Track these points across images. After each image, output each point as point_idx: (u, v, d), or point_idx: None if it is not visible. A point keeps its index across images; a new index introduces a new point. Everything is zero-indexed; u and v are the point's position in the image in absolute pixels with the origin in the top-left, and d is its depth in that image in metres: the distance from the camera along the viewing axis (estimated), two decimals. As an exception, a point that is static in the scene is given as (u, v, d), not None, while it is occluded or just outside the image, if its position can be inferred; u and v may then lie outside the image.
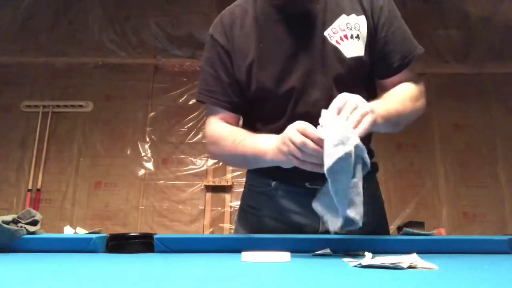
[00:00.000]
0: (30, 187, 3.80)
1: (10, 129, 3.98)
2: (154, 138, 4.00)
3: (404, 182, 3.88)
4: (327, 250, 0.88)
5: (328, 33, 1.05)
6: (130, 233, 1.01)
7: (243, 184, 1.26)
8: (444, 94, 3.94)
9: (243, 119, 1.18)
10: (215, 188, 3.85)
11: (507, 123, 4.03)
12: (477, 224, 3.79)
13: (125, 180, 3.88)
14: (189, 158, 3.95)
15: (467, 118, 4.04)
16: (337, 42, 1.04)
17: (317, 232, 1.08)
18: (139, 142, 3.97)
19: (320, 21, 1.06)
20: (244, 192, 1.24)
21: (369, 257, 0.67)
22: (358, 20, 1.06)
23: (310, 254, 0.90)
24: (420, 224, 3.38)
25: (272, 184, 1.13)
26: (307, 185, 1.08)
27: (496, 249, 0.98)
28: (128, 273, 0.63)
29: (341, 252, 0.91)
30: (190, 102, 4.01)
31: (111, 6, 4.23)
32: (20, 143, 3.95)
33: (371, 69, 1.10)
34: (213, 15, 1.29)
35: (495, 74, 4.14)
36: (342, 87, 0.95)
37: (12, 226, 1.00)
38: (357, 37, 1.05)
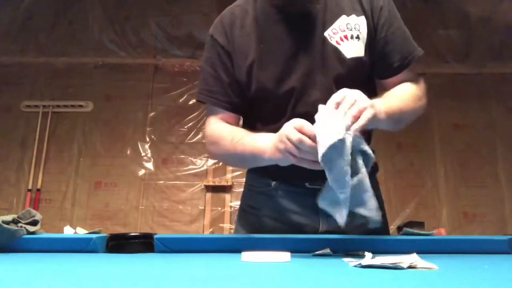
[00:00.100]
0: (30, 187, 3.80)
1: (10, 129, 3.98)
2: (154, 138, 4.00)
3: (404, 182, 3.88)
4: (327, 250, 0.88)
5: (328, 34, 1.05)
6: (130, 233, 1.01)
7: (243, 184, 1.26)
8: (444, 94, 3.93)
9: (243, 119, 1.18)
10: (215, 188, 3.85)
11: (507, 123, 4.03)
12: (477, 224, 3.79)
13: (125, 180, 3.88)
14: (189, 158, 3.95)
15: (467, 118, 4.04)
16: (337, 43, 1.05)
17: (317, 232, 1.08)
18: (139, 142, 3.97)
19: (320, 22, 1.06)
20: (244, 192, 1.24)
21: (369, 257, 0.67)
22: (358, 21, 1.06)
23: (310, 254, 0.90)
24: (420, 224, 3.38)
25: (272, 184, 1.13)
26: (307, 185, 1.09)
27: (496, 249, 0.98)
28: (128, 273, 0.63)
29: (341, 252, 0.91)
30: (190, 102, 4.01)
31: (111, 6, 4.23)
32: (20, 143, 3.95)
33: (371, 70, 1.10)
34: (213, 15, 1.30)
35: (495, 74, 4.14)
36: (342, 88, 0.94)
37: (12, 226, 1.00)
38: (357, 38, 1.05)
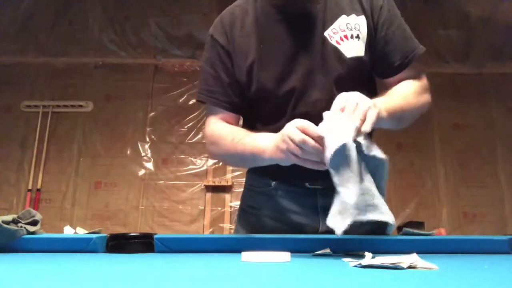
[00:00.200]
0: (30, 187, 3.80)
1: (10, 129, 3.98)
2: (154, 138, 4.00)
3: (404, 182, 3.88)
4: (327, 250, 0.88)
5: (328, 34, 1.05)
6: (130, 233, 1.01)
7: (243, 184, 1.26)
8: (444, 94, 3.93)
9: (243, 119, 1.18)
10: (215, 188, 3.85)
11: (507, 123, 4.03)
12: (477, 224, 3.79)
13: (125, 180, 3.88)
14: (189, 158, 3.95)
15: (467, 118, 4.04)
16: (337, 43, 1.04)
17: (317, 232, 1.08)
18: (139, 142, 3.97)
19: (320, 22, 1.06)
20: (244, 192, 1.24)
21: (369, 257, 0.67)
22: (358, 20, 1.06)
23: (310, 254, 0.90)
24: (420, 224, 3.38)
25: (272, 184, 1.13)
26: (307, 185, 1.09)
27: (496, 249, 0.98)
28: (128, 273, 0.63)
29: (341, 252, 0.90)
30: (190, 102, 4.01)
31: (111, 6, 4.23)
32: (20, 143, 3.95)
33: (372, 69, 1.10)
34: (213, 15, 1.30)
35: (495, 74, 4.14)
36: (343, 87, 0.94)
37: (12, 226, 1.00)
38: (357, 37, 1.05)
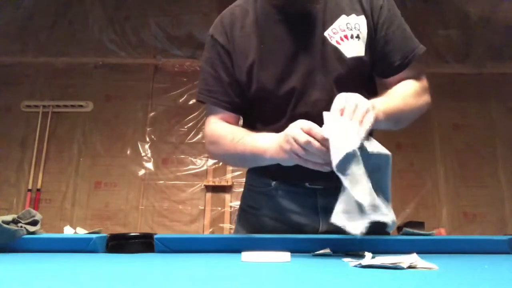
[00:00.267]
0: (30, 187, 3.80)
1: (10, 129, 3.98)
2: (154, 138, 4.00)
3: (404, 182, 3.88)
4: (327, 250, 0.88)
5: (328, 34, 1.05)
6: (130, 233, 1.01)
7: (243, 184, 1.26)
8: (444, 94, 3.93)
9: (243, 119, 1.18)
10: (215, 188, 3.85)
11: (507, 123, 4.03)
12: (477, 224, 3.79)
13: (125, 180, 3.88)
14: (189, 158, 3.95)
15: (467, 118, 4.04)
16: (337, 43, 1.04)
17: (317, 232, 1.08)
18: (139, 142, 3.97)
19: (320, 22, 1.06)
20: (244, 192, 1.24)
21: (369, 257, 0.67)
22: (358, 20, 1.06)
23: (310, 254, 0.90)
24: (420, 224, 3.38)
25: (272, 184, 1.13)
26: (307, 185, 1.09)
27: (496, 249, 0.98)
28: (128, 273, 0.63)
29: (341, 252, 0.90)
30: (190, 102, 4.01)
31: (111, 6, 4.23)
32: (20, 143, 3.95)
33: (372, 69, 1.10)
34: (213, 15, 1.30)
35: (495, 74, 4.14)
36: (343, 88, 0.94)
37: (12, 226, 1.00)
38: (357, 37, 1.05)
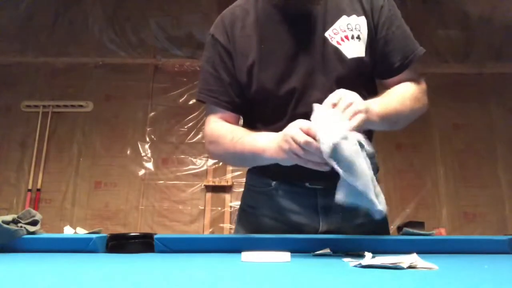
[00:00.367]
0: (30, 187, 3.80)
1: (10, 129, 3.98)
2: (154, 138, 4.00)
3: (404, 182, 3.88)
4: (327, 250, 0.88)
5: (329, 34, 1.05)
6: (130, 233, 1.01)
7: (243, 184, 1.26)
8: (444, 94, 3.93)
9: (243, 119, 1.18)
10: (215, 188, 3.85)
11: (507, 124, 4.02)
12: (477, 224, 3.79)
13: (125, 180, 3.88)
14: (189, 158, 3.95)
15: (467, 118, 4.04)
16: (338, 43, 1.04)
17: (317, 232, 1.08)
18: (139, 142, 3.97)
19: (321, 22, 1.06)
20: (244, 192, 1.24)
21: (369, 257, 0.67)
22: (359, 21, 1.06)
23: (310, 254, 0.90)
24: (420, 224, 3.38)
25: (272, 184, 1.13)
26: (307, 185, 1.09)
27: (496, 249, 0.98)
28: (128, 273, 0.63)
29: (341, 252, 0.90)
30: (190, 102, 4.01)
31: (111, 6, 4.23)
32: (20, 143, 3.95)
33: (372, 70, 1.10)
34: (213, 15, 1.30)
35: (495, 74, 4.14)
36: (343, 88, 0.94)
37: (12, 226, 1.00)
38: (358, 38, 1.05)
